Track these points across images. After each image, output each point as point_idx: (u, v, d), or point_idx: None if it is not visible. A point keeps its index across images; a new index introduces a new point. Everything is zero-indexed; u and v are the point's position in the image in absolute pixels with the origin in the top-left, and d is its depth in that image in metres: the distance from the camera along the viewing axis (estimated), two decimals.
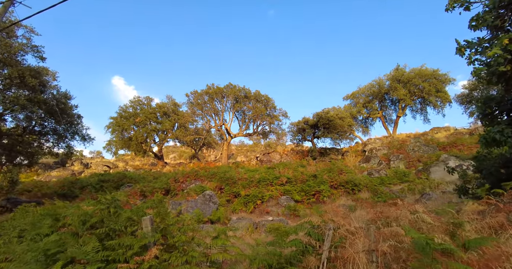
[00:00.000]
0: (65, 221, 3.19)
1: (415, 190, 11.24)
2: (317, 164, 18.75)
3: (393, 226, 3.05)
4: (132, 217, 3.00)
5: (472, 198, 6.22)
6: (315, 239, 3.02)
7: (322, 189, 12.62)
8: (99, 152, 48.09)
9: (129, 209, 3.20)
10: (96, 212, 3.12)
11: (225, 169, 16.87)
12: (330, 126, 22.88)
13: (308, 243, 2.96)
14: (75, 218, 2.92)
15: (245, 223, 8.37)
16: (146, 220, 2.69)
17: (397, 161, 17.31)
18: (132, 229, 2.87)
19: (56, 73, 13.67)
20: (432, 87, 27.16)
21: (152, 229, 2.72)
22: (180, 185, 14.54)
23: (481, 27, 4.06)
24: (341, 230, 3.09)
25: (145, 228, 2.73)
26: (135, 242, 2.56)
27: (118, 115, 27.18)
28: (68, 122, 13.92)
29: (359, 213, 5.84)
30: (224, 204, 11.88)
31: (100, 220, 2.97)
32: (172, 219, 2.94)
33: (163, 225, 2.81)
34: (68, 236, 2.70)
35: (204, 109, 24.81)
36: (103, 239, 2.75)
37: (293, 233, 3.33)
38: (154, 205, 3.31)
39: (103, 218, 2.99)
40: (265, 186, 13.40)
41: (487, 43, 3.97)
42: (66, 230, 2.99)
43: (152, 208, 3.29)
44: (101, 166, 32.26)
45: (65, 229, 3.08)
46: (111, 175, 20.48)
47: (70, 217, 3.02)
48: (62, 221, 3.24)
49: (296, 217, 10.54)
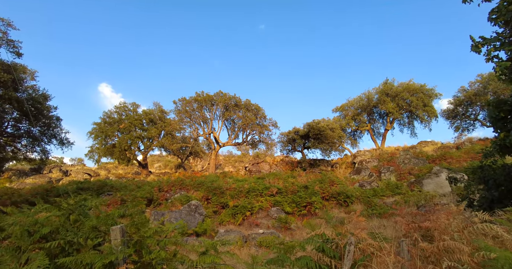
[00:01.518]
0: (12, 231, 2.53)
1: (409, 202, 10.89)
2: (307, 175, 18.31)
3: (446, 240, 2.44)
4: (98, 226, 2.38)
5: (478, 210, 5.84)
6: (329, 256, 2.45)
7: (314, 200, 12.11)
8: (80, 159, 46.01)
9: (96, 216, 2.58)
10: (51, 220, 2.47)
11: (212, 178, 16.16)
12: (321, 137, 22.64)
13: (320, 261, 2.40)
14: (17, 228, 2.25)
15: (233, 236, 7.71)
16: (116, 230, 2.11)
17: (388, 173, 17.09)
18: (96, 242, 2.26)
19: (35, 72, 12.80)
20: (419, 101, 27.63)
21: (122, 242, 2.13)
22: (164, 194, 13.70)
23: (502, 20, 3.77)
24: (362, 244, 2.56)
25: (114, 241, 2.14)
26: (98, 259, 1.97)
27: (102, 121, 26.07)
28: (45, 124, 12.90)
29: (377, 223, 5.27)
30: (211, 215, 11.15)
31: (55, 231, 2.34)
32: (150, 230, 2.35)
33: (137, 237, 2.22)
34: (6, 252, 2.05)
35: (192, 116, 24.14)
36: (56, 256, 2.13)
37: (300, 248, 2.76)
38: (129, 213, 2.72)
39: (58, 227, 2.36)
40: (255, 197, 12.77)
41: (509, 38, 3.68)
42: (6, 244, 2.33)
43: (126, 216, 2.69)
44: (81, 174, 30.70)
45: (6, 242, 2.41)
46: (90, 183, 19.31)
47: (12, 227, 2.36)
48: (6, 231, 2.56)
49: (288, 230, 9.94)
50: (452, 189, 12.50)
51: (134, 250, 2.20)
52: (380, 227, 4.19)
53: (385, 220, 9.80)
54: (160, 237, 2.58)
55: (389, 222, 7.36)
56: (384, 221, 9.77)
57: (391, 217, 10.29)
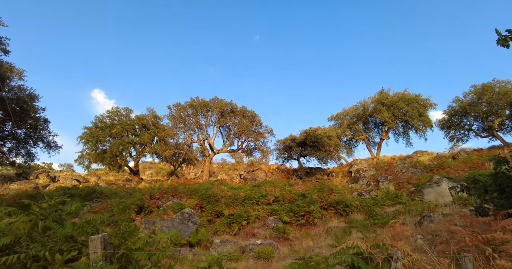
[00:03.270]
0: None
1: (412, 212, 10.52)
2: (304, 183, 17.87)
3: None
4: (73, 235, 1.90)
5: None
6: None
7: (312, 209, 11.64)
8: (70, 165, 44.76)
9: (72, 223, 2.09)
10: (15, 227, 1.96)
11: (207, 185, 15.58)
12: (318, 145, 22.32)
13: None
14: None
15: (230, 247, 7.17)
16: (96, 241, 1.65)
17: (386, 182, 16.77)
18: (68, 256, 1.77)
19: (23, 71, 12.18)
20: (415, 111, 27.69)
21: (104, 255, 1.68)
22: (156, 202, 13.06)
23: None
24: (405, 260, 2.12)
25: (93, 255, 1.68)
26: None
27: (93, 125, 25.32)
28: (31, 126, 12.21)
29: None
30: (205, 224, 10.57)
31: (16, 241, 1.85)
32: (140, 241, 1.89)
33: (123, 250, 1.76)
34: None
35: (186, 122, 23.62)
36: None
37: (324, 264, 2.28)
38: (115, 220, 2.23)
39: (22, 237, 1.87)
40: (251, 205, 12.25)
41: None
42: None
43: (111, 224, 2.21)
44: (70, 180, 29.67)
45: None
46: (78, 190, 18.46)
47: None
48: None
49: (286, 240, 9.42)
50: (454, 198, 12.19)
51: (119, 266, 1.74)
52: (408, 237, 3.66)
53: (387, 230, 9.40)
54: (152, 249, 2.11)
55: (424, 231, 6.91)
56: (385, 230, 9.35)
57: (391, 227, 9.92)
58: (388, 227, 9.68)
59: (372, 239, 2.96)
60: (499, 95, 24.18)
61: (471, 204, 11.24)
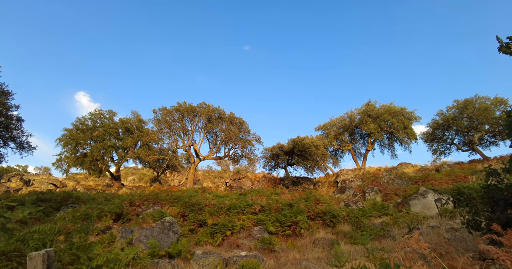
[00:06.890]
0: None
1: (399, 224, 10.36)
2: (291, 192, 17.56)
3: None
4: (7, 252, 1.47)
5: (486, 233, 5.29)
6: None
7: (299, 220, 11.29)
8: (47, 168, 42.69)
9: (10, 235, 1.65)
10: None
11: (190, 193, 14.99)
12: (306, 154, 22.17)
13: None
14: None
15: (212, 259, 6.70)
16: (36, 259, 1.25)
17: (373, 193, 16.71)
18: None
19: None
20: (400, 123, 28.22)
21: None
22: (135, 209, 12.38)
23: None
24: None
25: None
26: None
27: (74, 127, 24.26)
28: (2, 125, 11.35)
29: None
30: (187, 234, 10.01)
31: None
32: (101, 257, 1.49)
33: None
34: None
35: (172, 127, 23.01)
36: None
37: None
38: (67, 232, 1.80)
39: None
40: (236, 215, 11.78)
41: None
42: None
43: (63, 234, 1.79)
44: (45, 184, 28.13)
45: None
46: (53, 194, 17.40)
47: None
48: None
49: (272, 252, 9.00)
50: (440, 210, 12.18)
51: None
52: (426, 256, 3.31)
53: (378, 242, 9.15)
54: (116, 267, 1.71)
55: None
56: (383, 243, 9.10)
57: (382, 239, 9.69)
58: (378, 239, 9.38)
59: (379, 258, 2.66)
60: (479, 110, 25.00)
61: (457, 216, 11.26)
